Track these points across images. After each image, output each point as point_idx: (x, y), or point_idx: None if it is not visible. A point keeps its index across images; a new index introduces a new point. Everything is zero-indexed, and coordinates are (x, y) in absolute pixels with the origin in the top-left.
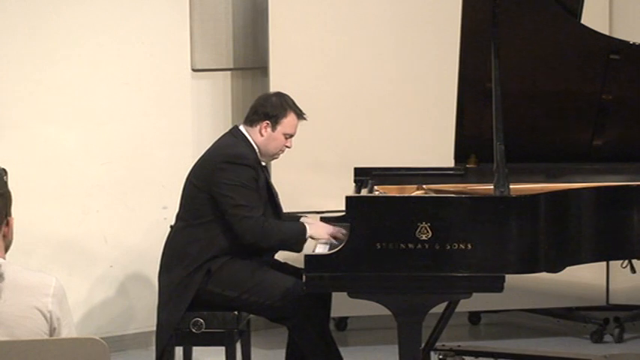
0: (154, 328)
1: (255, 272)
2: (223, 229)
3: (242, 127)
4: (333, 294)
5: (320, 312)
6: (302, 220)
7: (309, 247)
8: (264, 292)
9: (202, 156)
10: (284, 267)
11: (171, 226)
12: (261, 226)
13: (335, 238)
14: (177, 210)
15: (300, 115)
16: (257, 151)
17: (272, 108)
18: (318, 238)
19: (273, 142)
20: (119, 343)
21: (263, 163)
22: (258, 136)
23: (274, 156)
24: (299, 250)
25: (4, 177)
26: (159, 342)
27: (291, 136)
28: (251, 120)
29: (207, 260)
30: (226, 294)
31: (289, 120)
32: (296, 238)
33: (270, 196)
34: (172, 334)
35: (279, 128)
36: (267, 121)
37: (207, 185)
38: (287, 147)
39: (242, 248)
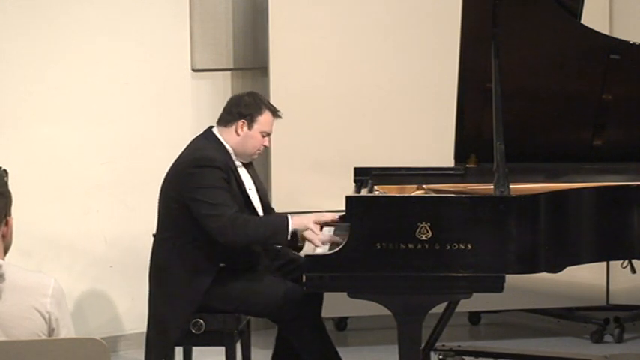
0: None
1: (247, 286)
2: (203, 239)
3: (215, 130)
4: (333, 294)
5: (314, 312)
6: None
7: (309, 247)
8: (261, 302)
9: (175, 161)
10: (280, 254)
11: (154, 235)
12: (234, 221)
13: (319, 224)
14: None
15: (274, 112)
16: (231, 152)
17: (246, 107)
18: (300, 229)
19: (250, 140)
20: (119, 343)
21: (238, 164)
22: (233, 136)
23: (252, 156)
24: (283, 241)
25: (5, 177)
26: (153, 356)
27: (268, 134)
28: (225, 121)
29: (194, 275)
30: (223, 308)
31: (265, 118)
32: (276, 227)
33: (247, 201)
34: (166, 351)
35: (256, 126)
36: (243, 120)
37: (179, 193)
38: (265, 146)
39: (225, 257)
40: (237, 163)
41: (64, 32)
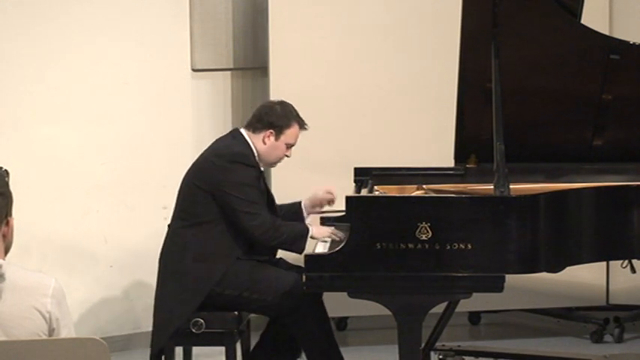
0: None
1: (255, 270)
2: (224, 228)
3: (243, 131)
4: (333, 294)
5: (318, 302)
6: (307, 221)
7: (309, 247)
8: (265, 289)
9: (200, 156)
10: (279, 264)
11: (169, 225)
12: (272, 222)
13: (338, 236)
14: (173, 210)
15: (302, 125)
16: (256, 155)
17: (277, 118)
18: (320, 238)
19: (274, 151)
20: (119, 343)
21: (262, 169)
22: (260, 144)
23: (272, 164)
24: (301, 250)
25: (5, 177)
26: (155, 343)
27: (292, 145)
28: (254, 127)
29: (207, 264)
30: (227, 293)
31: (293, 131)
32: (300, 237)
33: (269, 200)
34: (170, 336)
35: (283, 138)
36: (272, 130)
37: (211, 185)
38: (286, 156)
39: (242, 247)
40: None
41: (64, 32)
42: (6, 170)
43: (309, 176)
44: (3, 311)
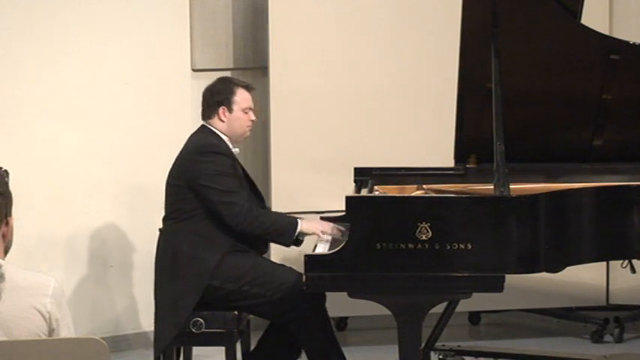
0: (154, 328)
1: (256, 265)
2: (211, 223)
3: (205, 123)
4: (333, 294)
5: (321, 306)
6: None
7: (308, 247)
8: (265, 284)
9: (176, 157)
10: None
11: (160, 230)
12: (249, 211)
13: (327, 232)
14: (162, 214)
15: (247, 87)
16: (227, 140)
17: (219, 93)
18: (309, 233)
19: (235, 122)
20: (119, 343)
21: (236, 150)
22: (220, 124)
23: (244, 135)
24: (288, 242)
25: (5, 178)
26: (160, 343)
27: (251, 109)
28: (209, 113)
29: (201, 255)
30: (226, 287)
31: (240, 96)
32: (286, 227)
33: (252, 187)
34: (176, 335)
35: (235, 107)
36: (222, 107)
37: (187, 180)
38: (252, 120)
39: (234, 241)
40: (235, 150)
41: (64, 32)
42: (6, 170)
43: (309, 176)
44: (3, 311)
